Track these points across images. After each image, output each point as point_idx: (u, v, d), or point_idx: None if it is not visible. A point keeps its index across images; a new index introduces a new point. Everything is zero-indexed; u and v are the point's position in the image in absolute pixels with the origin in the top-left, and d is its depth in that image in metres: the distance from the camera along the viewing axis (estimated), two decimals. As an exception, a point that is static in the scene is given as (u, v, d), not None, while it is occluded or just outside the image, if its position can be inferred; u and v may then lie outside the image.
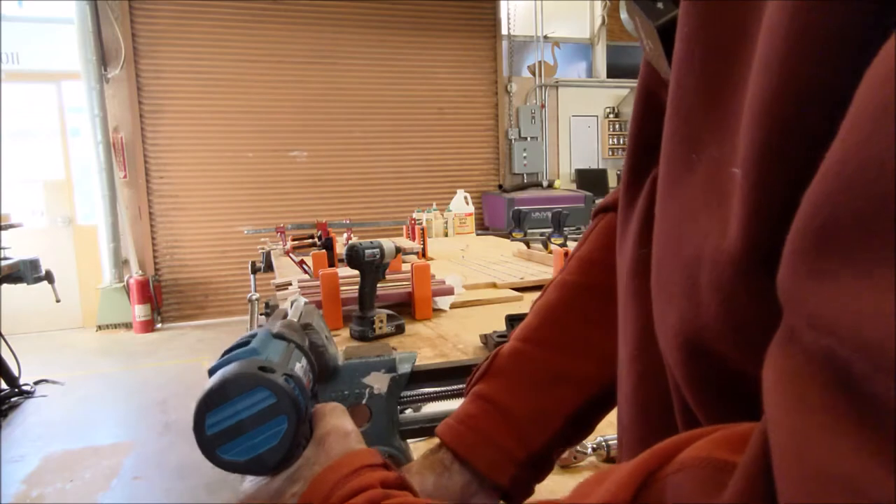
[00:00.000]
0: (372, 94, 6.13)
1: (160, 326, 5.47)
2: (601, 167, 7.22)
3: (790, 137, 0.20)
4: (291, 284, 1.80)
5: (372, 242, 1.28)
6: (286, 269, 2.41)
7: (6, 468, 2.75)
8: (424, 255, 2.56)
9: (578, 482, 0.25)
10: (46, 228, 5.45)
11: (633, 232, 0.35)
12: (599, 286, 0.48)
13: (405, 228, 3.23)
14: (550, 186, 6.88)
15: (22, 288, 3.59)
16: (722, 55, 0.25)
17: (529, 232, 2.68)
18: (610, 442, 0.72)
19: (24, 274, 3.48)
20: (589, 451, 0.72)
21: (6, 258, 3.46)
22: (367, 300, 1.28)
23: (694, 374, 0.26)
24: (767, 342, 0.18)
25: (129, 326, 5.29)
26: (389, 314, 1.30)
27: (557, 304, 0.50)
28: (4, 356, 3.58)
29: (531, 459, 0.46)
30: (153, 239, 5.57)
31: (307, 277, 1.94)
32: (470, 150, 6.60)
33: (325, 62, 5.95)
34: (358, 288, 1.29)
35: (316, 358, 0.48)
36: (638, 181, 0.36)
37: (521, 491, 0.47)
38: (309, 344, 0.48)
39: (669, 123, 0.28)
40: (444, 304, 1.51)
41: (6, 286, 3.47)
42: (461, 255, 2.54)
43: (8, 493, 2.53)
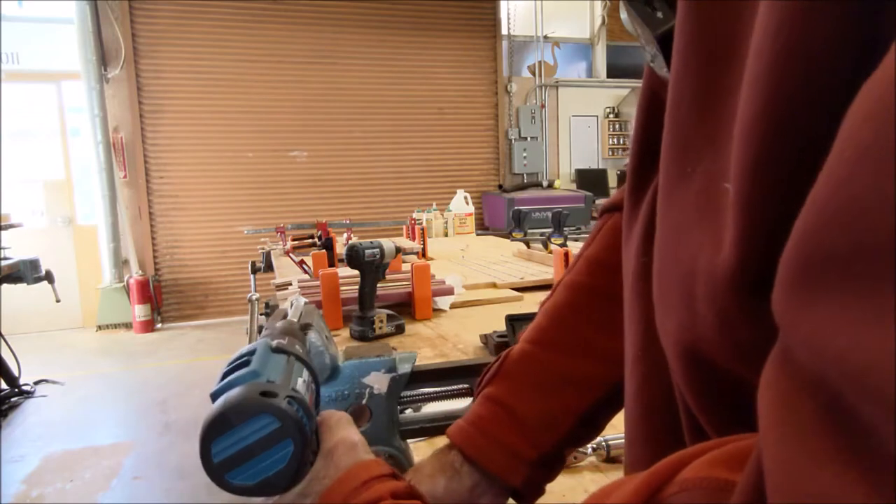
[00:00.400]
0: (372, 94, 6.13)
1: (160, 326, 5.47)
2: (601, 167, 7.22)
3: (778, 157, 0.20)
4: (291, 284, 1.80)
5: (372, 242, 1.28)
6: (286, 269, 2.41)
7: (6, 468, 2.75)
8: (424, 255, 2.56)
9: (587, 494, 0.26)
10: (46, 228, 5.45)
11: (636, 236, 0.36)
12: (607, 287, 0.49)
13: (405, 228, 3.23)
14: (550, 186, 6.88)
15: (22, 288, 3.59)
16: (716, 67, 0.25)
17: (529, 232, 2.68)
18: (610, 442, 0.73)
19: (24, 274, 3.48)
20: (589, 451, 0.72)
21: (6, 258, 3.46)
22: (367, 300, 1.28)
23: (694, 380, 0.26)
24: (764, 355, 0.18)
25: (129, 326, 5.28)
26: (389, 314, 1.30)
27: (565, 305, 0.51)
28: (4, 356, 3.58)
29: (542, 460, 0.47)
30: (153, 239, 5.57)
31: (307, 277, 1.94)
32: (470, 150, 6.60)
33: (325, 62, 5.95)
34: (358, 288, 1.29)
35: (316, 358, 0.48)
36: (642, 184, 0.36)
37: (532, 491, 0.48)
38: (309, 344, 0.48)
39: (667, 133, 0.28)
40: (444, 304, 1.51)
41: (6, 286, 3.47)
42: (461, 255, 2.53)
43: (8, 493, 2.53)
